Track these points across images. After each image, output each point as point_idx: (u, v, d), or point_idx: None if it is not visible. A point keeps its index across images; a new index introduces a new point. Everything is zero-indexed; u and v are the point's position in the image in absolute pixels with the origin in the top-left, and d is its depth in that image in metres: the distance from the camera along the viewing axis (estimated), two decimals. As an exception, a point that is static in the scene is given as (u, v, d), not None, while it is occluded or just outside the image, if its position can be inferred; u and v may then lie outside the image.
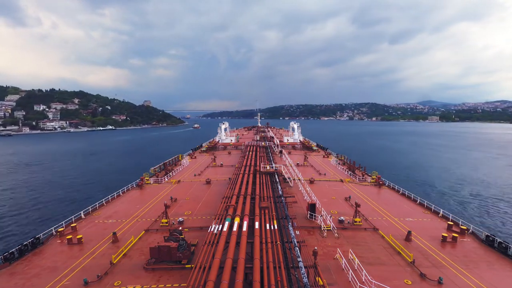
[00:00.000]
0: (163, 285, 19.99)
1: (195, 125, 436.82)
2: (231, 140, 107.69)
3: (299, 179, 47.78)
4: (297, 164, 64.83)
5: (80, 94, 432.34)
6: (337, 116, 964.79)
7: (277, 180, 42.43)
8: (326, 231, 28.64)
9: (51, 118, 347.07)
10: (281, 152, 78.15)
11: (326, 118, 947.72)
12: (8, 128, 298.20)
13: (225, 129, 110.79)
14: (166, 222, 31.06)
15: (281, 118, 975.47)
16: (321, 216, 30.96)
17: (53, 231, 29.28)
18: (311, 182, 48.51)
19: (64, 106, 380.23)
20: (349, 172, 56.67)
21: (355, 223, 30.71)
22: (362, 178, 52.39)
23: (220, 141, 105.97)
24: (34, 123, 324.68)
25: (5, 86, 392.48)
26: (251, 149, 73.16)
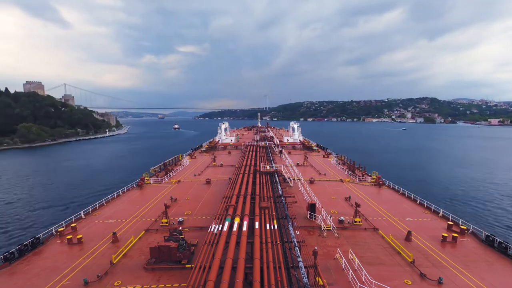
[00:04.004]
0: (163, 285, 19.99)
1: (175, 126, 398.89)
2: (231, 140, 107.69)
3: (299, 179, 47.77)
4: (297, 164, 64.81)
5: None
6: (394, 117, 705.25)
7: (277, 180, 42.40)
8: (326, 231, 28.65)
9: None
10: (281, 152, 78.15)
11: (375, 120, 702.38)
12: None
13: (225, 129, 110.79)
14: (166, 222, 31.06)
15: (301, 119, 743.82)
16: (321, 216, 30.97)
17: (53, 231, 29.28)
18: (311, 182, 48.49)
19: None
20: (349, 172, 56.65)
21: (355, 223, 30.71)
22: (362, 178, 52.38)
23: (220, 141, 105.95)
24: None
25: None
26: (251, 149, 73.16)
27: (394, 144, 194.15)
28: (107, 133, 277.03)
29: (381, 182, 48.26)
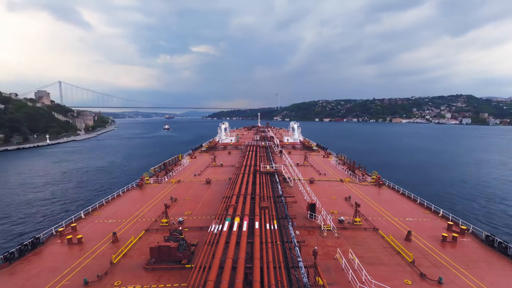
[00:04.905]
0: (163, 285, 19.99)
1: (166, 126, 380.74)
2: (231, 140, 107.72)
3: (299, 179, 47.77)
4: (297, 164, 64.80)
5: None
6: (428, 117, 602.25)
7: (277, 180, 42.41)
8: (326, 231, 28.65)
9: None
10: (281, 152, 78.14)
11: (404, 121, 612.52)
12: None
13: (225, 129, 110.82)
14: (166, 222, 31.06)
15: (316, 119, 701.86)
16: (321, 216, 30.97)
17: (53, 231, 29.27)
18: (311, 182, 48.49)
19: None
20: (349, 172, 56.65)
21: (355, 223, 30.70)
22: (362, 178, 52.38)
23: (220, 141, 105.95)
24: None
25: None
26: (251, 149, 73.16)
27: None
28: (47, 141, 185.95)
29: (381, 182, 48.26)
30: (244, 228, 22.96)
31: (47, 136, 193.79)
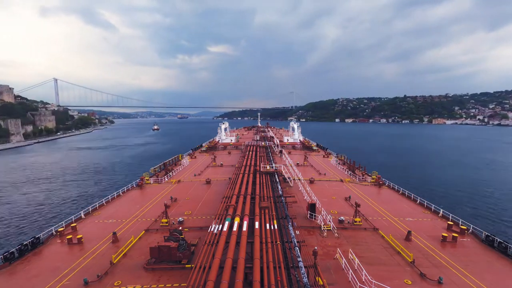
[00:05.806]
0: (163, 285, 19.99)
1: (155, 127, 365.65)
2: (231, 140, 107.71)
3: (299, 179, 47.76)
4: (297, 164, 64.79)
5: None
6: (482, 118, 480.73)
7: (277, 180, 42.42)
8: (326, 231, 28.66)
9: None
10: (281, 152, 78.13)
11: (449, 122, 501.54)
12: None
13: (225, 129, 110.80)
14: (166, 222, 31.07)
15: (336, 119, 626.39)
16: (321, 216, 30.97)
17: (53, 231, 29.28)
18: (311, 182, 48.48)
19: None
20: (349, 172, 56.65)
21: (355, 223, 30.71)
22: (362, 178, 52.38)
23: (220, 141, 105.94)
24: None
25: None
26: (251, 149, 73.15)
27: None
28: None
29: (381, 182, 48.25)
30: (244, 228, 22.96)
31: None
